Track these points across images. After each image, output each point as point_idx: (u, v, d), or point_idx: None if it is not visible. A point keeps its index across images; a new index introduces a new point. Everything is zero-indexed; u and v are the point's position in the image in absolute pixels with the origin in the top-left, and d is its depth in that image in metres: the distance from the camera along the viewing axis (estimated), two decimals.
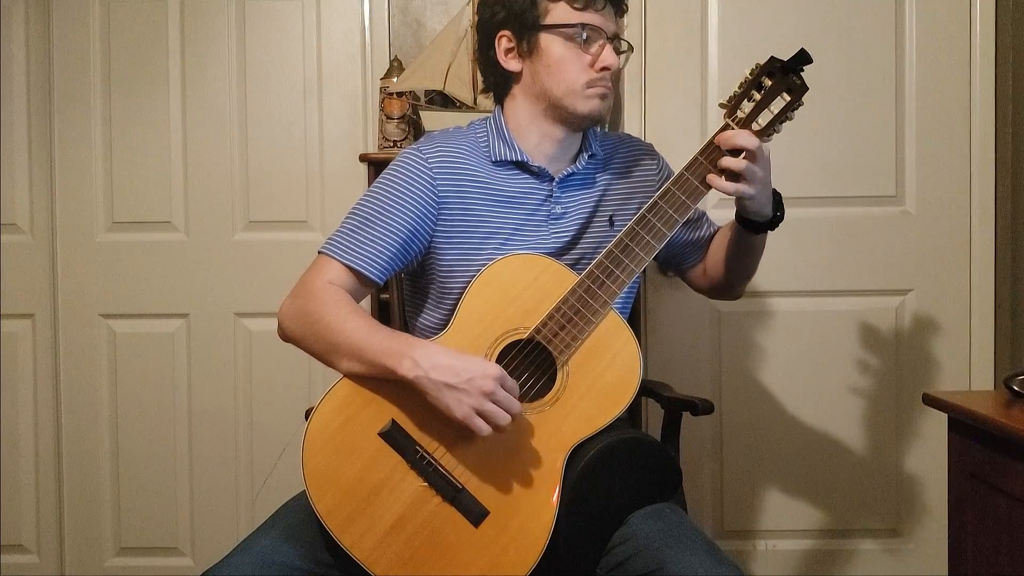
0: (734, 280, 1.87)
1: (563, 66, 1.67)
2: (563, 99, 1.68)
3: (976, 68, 2.53)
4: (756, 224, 1.70)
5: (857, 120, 2.55)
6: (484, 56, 1.77)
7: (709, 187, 1.58)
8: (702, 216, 1.91)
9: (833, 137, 2.55)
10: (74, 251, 2.72)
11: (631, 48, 1.76)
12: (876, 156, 2.56)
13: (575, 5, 1.65)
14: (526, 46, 1.69)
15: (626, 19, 2.44)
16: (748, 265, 1.83)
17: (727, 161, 1.56)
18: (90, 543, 2.74)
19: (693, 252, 1.91)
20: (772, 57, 1.57)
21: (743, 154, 1.56)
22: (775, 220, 1.71)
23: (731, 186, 1.57)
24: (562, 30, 1.66)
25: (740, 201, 1.64)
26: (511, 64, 1.72)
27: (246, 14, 2.69)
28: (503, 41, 1.72)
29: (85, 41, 2.69)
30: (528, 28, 1.68)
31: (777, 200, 1.69)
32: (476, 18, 1.79)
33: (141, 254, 2.71)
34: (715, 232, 1.90)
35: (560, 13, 1.66)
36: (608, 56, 1.66)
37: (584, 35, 1.66)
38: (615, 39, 1.69)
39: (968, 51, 2.53)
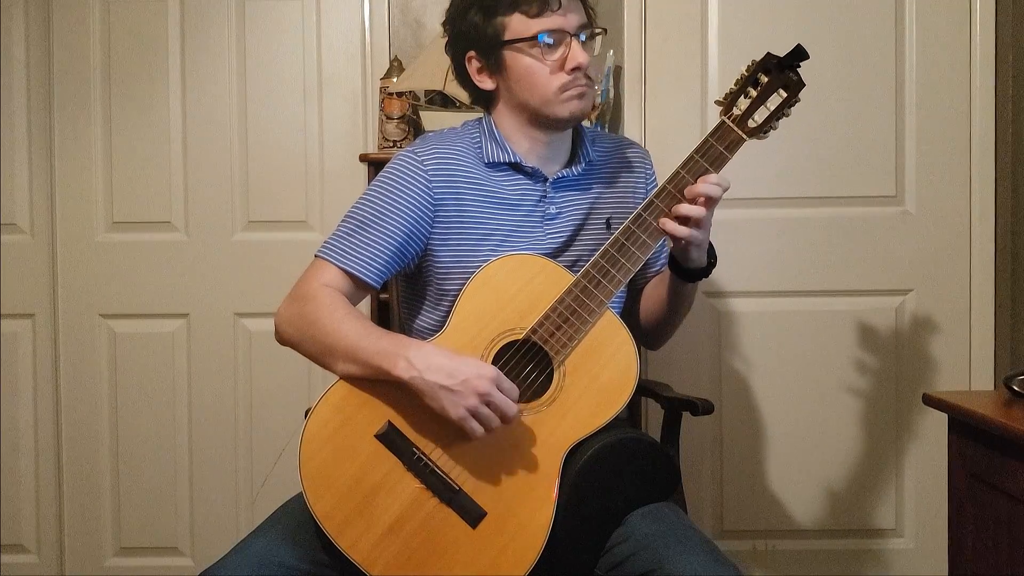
0: (658, 329, 1.87)
1: (532, 78, 1.65)
2: (541, 108, 1.67)
3: (976, 68, 2.52)
4: (689, 272, 1.70)
5: (857, 120, 2.55)
6: (460, 77, 1.76)
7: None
8: (663, 248, 1.88)
9: (833, 137, 2.54)
10: (74, 251, 2.72)
11: (604, 31, 1.73)
12: (876, 156, 2.55)
13: (530, 14, 1.63)
14: (494, 64, 1.68)
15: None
16: (675, 314, 1.82)
17: (687, 208, 1.56)
18: (90, 543, 2.74)
19: (637, 278, 1.87)
20: (768, 53, 1.57)
21: (701, 200, 1.57)
22: (709, 267, 1.71)
23: (685, 230, 1.57)
24: (521, 44, 1.64)
25: (681, 250, 1.64)
26: (485, 83, 1.71)
27: (246, 14, 2.70)
28: (472, 62, 1.71)
29: (85, 41, 2.69)
30: (490, 47, 1.67)
31: (711, 249, 1.70)
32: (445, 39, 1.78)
33: (141, 254, 2.71)
34: (657, 272, 1.88)
35: (517, 25, 1.64)
36: (576, 54, 1.64)
37: (547, 41, 1.64)
38: (583, 29, 1.67)
39: (968, 51, 2.53)
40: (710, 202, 1.57)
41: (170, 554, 2.74)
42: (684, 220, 1.58)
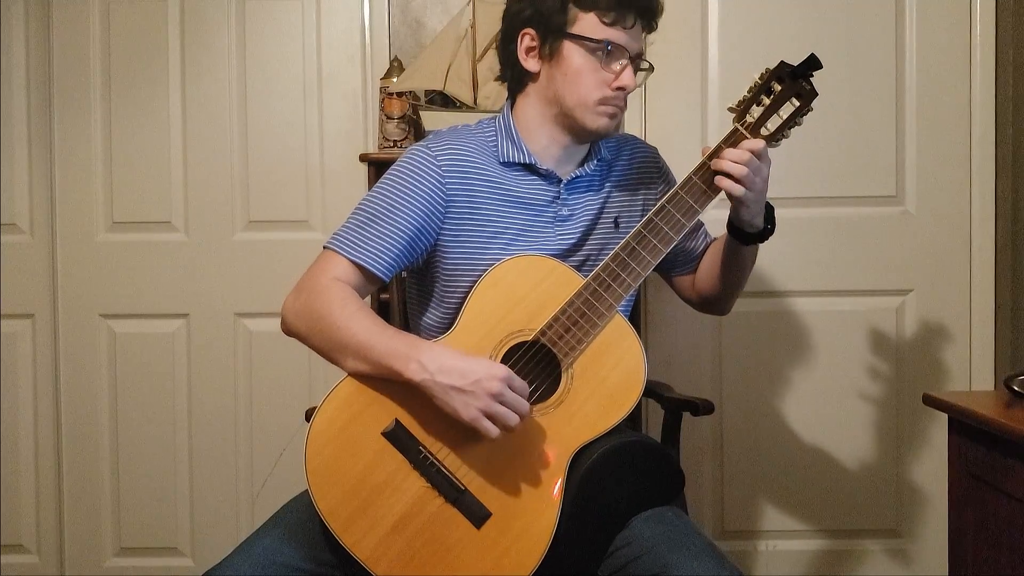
0: (723, 294, 1.86)
1: (580, 78, 1.65)
2: (574, 110, 1.67)
3: (976, 68, 2.53)
4: (746, 235, 1.70)
5: (857, 120, 2.55)
6: (504, 49, 1.75)
7: (717, 191, 1.58)
8: (699, 227, 1.90)
9: (833, 137, 2.55)
10: (74, 251, 2.71)
11: (652, 68, 1.74)
12: (876, 156, 2.56)
13: (604, 19, 1.63)
14: (548, 49, 1.68)
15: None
16: (737, 278, 1.83)
17: (729, 166, 1.56)
18: (90, 543, 2.74)
19: (684, 262, 1.90)
20: (782, 62, 1.57)
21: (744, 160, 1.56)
22: (765, 232, 1.71)
23: (735, 186, 1.56)
24: (586, 42, 1.64)
25: (734, 208, 1.65)
26: (530, 63, 1.71)
27: (246, 14, 2.69)
28: (525, 39, 1.70)
29: (85, 41, 2.69)
30: (553, 32, 1.66)
31: (769, 213, 1.70)
32: (492, 10, 1.77)
33: (141, 254, 2.71)
34: (709, 245, 1.90)
35: (588, 25, 1.64)
36: (626, 77, 1.65)
37: (607, 51, 1.64)
38: (637, 58, 1.68)
39: (968, 51, 2.54)
40: (750, 163, 1.56)
41: (170, 554, 2.74)
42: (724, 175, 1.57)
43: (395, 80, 2.52)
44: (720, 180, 1.57)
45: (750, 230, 1.69)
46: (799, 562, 2.61)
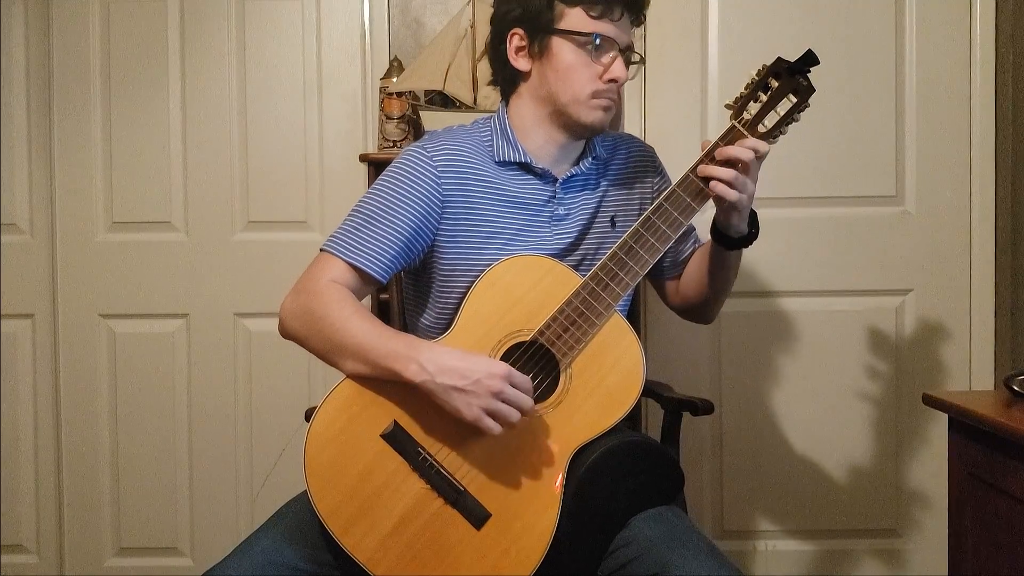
0: (708, 299, 1.85)
1: (571, 73, 1.65)
2: (568, 106, 1.67)
3: (976, 68, 2.53)
4: (731, 240, 1.70)
5: (857, 120, 2.55)
6: (494, 50, 1.75)
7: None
8: (691, 231, 1.90)
9: (833, 137, 2.55)
10: (74, 251, 2.72)
11: (643, 60, 1.74)
12: (876, 156, 2.56)
13: (591, 13, 1.63)
14: (537, 47, 1.68)
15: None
16: (722, 284, 1.81)
17: (719, 171, 1.56)
18: (90, 543, 2.74)
19: (672, 265, 1.89)
20: (779, 58, 1.56)
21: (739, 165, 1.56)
22: (749, 237, 1.71)
23: (729, 191, 1.56)
24: (575, 37, 1.65)
25: (721, 213, 1.64)
26: (520, 63, 1.71)
27: (246, 14, 2.69)
28: (515, 39, 1.70)
29: (85, 41, 2.69)
30: (541, 30, 1.67)
31: (753, 218, 1.70)
32: (492, 10, 1.78)
33: (141, 254, 2.71)
34: (696, 250, 1.89)
35: (575, 19, 1.64)
36: (617, 69, 1.65)
37: (596, 44, 1.64)
38: (627, 51, 1.68)
39: (968, 51, 2.54)
40: (744, 166, 1.56)
41: (170, 554, 2.74)
42: (718, 180, 1.56)
43: (395, 80, 2.52)
44: (715, 186, 1.56)
45: (735, 235, 1.69)
46: (798, 562, 2.62)
